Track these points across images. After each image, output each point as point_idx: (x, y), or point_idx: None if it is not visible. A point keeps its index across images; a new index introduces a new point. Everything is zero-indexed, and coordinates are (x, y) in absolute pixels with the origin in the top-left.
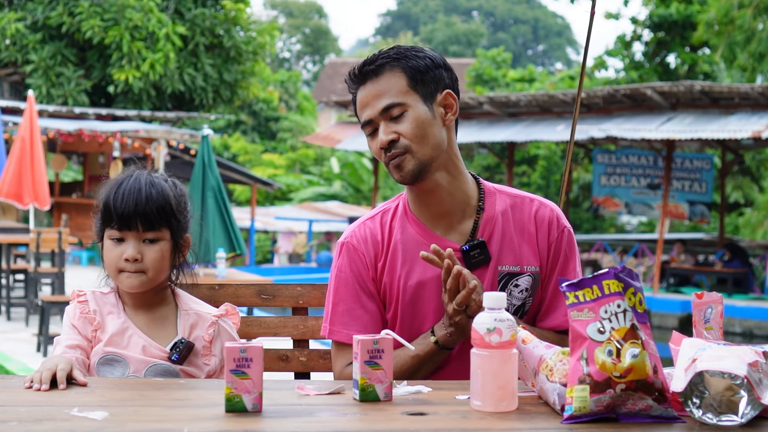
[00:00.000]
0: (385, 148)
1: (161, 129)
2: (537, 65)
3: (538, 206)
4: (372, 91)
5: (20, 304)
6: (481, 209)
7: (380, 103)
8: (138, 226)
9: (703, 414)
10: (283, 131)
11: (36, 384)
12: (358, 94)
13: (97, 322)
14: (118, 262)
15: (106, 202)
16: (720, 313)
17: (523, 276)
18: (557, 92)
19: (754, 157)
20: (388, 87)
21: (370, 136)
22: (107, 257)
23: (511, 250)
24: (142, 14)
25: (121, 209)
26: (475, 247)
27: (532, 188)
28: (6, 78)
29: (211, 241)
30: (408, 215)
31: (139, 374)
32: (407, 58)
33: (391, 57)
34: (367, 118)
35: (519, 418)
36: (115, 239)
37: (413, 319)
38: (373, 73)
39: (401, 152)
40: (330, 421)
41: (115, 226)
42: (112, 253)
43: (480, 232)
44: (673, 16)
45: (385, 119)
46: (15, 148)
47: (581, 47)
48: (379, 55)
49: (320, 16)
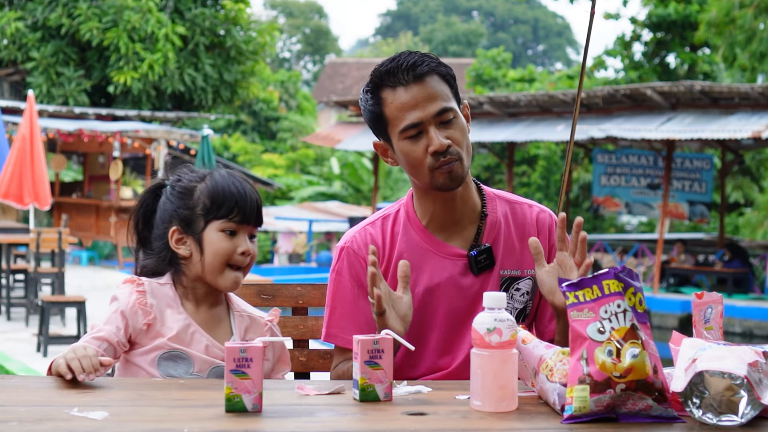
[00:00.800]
0: (441, 152)
1: (161, 129)
2: (537, 65)
3: (538, 212)
4: (422, 93)
5: (20, 304)
6: (485, 215)
7: (434, 107)
8: (254, 220)
9: (703, 414)
10: (283, 131)
11: (81, 375)
12: (397, 97)
13: (153, 316)
14: (233, 255)
15: (223, 191)
16: (720, 313)
17: (523, 279)
18: (557, 92)
19: (754, 157)
20: (437, 89)
21: (411, 138)
22: (217, 249)
23: (512, 254)
24: (140, 15)
25: (244, 201)
26: (482, 252)
27: (532, 188)
28: (6, 78)
29: None
30: (411, 221)
31: (203, 374)
32: (440, 64)
33: (429, 62)
34: (416, 120)
35: (519, 418)
36: (227, 232)
37: (419, 327)
38: (421, 76)
39: (455, 158)
40: (330, 421)
41: (236, 218)
42: (223, 244)
43: (485, 237)
44: (672, 15)
45: (436, 123)
46: (15, 148)
47: (581, 47)
48: (414, 58)
49: (320, 16)
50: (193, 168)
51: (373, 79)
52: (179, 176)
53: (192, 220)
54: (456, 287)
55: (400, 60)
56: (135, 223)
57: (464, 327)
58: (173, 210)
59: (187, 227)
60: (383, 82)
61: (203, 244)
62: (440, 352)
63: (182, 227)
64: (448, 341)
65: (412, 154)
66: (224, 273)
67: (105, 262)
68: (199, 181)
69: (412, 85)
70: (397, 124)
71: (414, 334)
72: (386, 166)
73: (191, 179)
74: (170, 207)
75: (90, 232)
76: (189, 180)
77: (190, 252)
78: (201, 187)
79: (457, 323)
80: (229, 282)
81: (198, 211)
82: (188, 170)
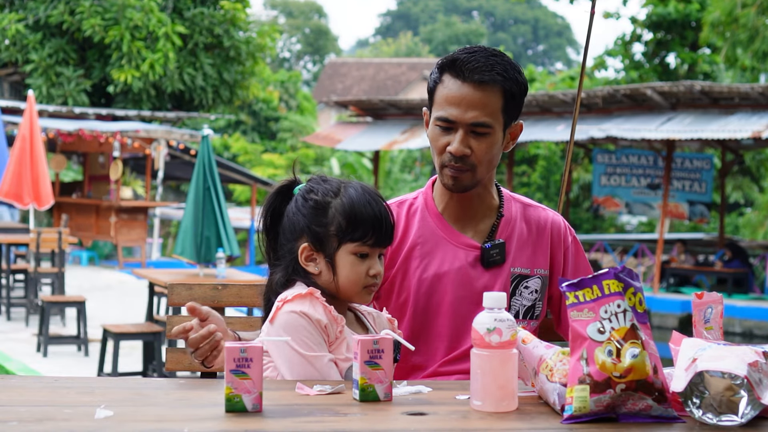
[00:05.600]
0: (457, 156)
1: (161, 129)
2: (537, 65)
3: (553, 215)
4: (471, 97)
5: (20, 304)
6: (501, 213)
7: (472, 115)
8: (387, 243)
9: (703, 414)
10: (283, 131)
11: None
12: (451, 86)
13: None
14: (366, 279)
15: (360, 213)
16: (720, 313)
17: (533, 278)
18: (557, 92)
19: (754, 157)
20: (486, 102)
21: (441, 129)
22: (351, 273)
23: (524, 253)
24: (142, 14)
25: (380, 224)
26: (495, 246)
27: (532, 188)
28: (6, 78)
29: (212, 241)
30: (429, 208)
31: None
32: (511, 79)
33: (500, 73)
34: (451, 117)
35: (519, 418)
36: (359, 255)
37: (425, 313)
38: (482, 82)
39: (467, 168)
40: (330, 421)
41: (370, 241)
42: (357, 268)
43: (499, 232)
44: (672, 15)
45: (468, 130)
46: (15, 148)
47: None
48: (490, 62)
49: (320, 16)
50: (325, 177)
51: (448, 58)
52: (312, 187)
53: (325, 239)
54: (466, 277)
55: (476, 55)
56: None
57: (470, 318)
58: (305, 225)
59: (320, 245)
60: (450, 67)
61: (336, 267)
62: (450, 339)
63: (314, 245)
64: (458, 328)
65: (435, 142)
66: (359, 292)
67: (105, 262)
68: (334, 196)
69: (469, 85)
70: (437, 108)
71: (421, 320)
72: (386, 165)
73: (325, 192)
74: (302, 221)
75: (90, 232)
76: (323, 193)
77: (320, 270)
78: (336, 204)
79: (464, 313)
80: (363, 300)
81: (332, 230)
82: (321, 179)
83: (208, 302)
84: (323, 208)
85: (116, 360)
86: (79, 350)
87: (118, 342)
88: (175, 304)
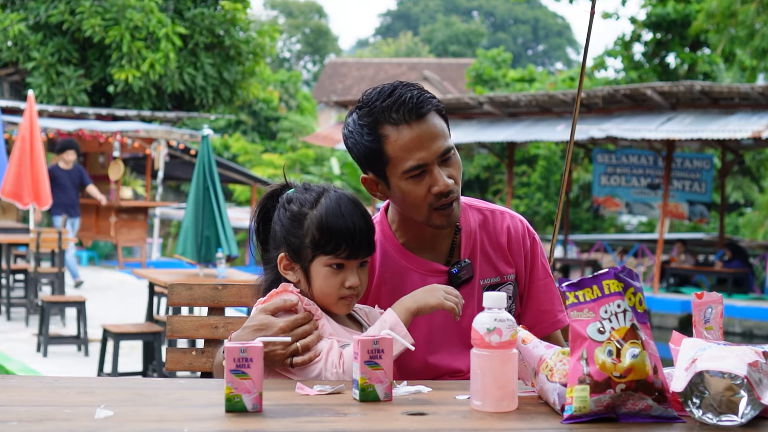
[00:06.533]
0: (445, 193)
1: (161, 129)
2: (537, 65)
3: (510, 219)
4: (425, 132)
5: (20, 304)
6: (459, 228)
7: (438, 147)
8: (363, 253)
9: (703, 414)
10: (283, 131)
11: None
12: (402, 135)
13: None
14: (340, 290)
15: (331, 226)
16: (720, 313)
17: (504, 285)
18: (557, 92)
19: (754, 157)
20: (438, 129)
21: (415, 178)
22: (324, 284)
23: (489, 263)
24: (143, 14)
25: (352, 236)
26: (462, 269)
27: (532, 188)
28: (6, 78)
29: (212, 241)
30: (388, 239)
31: None
32: (434, 99)
33: (428, 98)
34: (422, 162)
35: (519, 418)
36: (334, 266)
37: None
38: (423, 115)
39: (455, 197)
40: (330, 421)
41: (343, 254)
42: (331, 280)
43: (462, 250)
44: (671, 15)
45: (439, 163)
46: (15, 148)
47: (581, 47)
48: (412, 94)
49: (320, 16)
50: (308, 186)
51: (372, 114)
52: (291, 197)
53: (300, 251)
54: None
55: (401, 96)
56: (255, 229)
57: (446, 341)
58: (283, 236)
59: (296, 256)
60: (384, 118)
61: (311, 278)
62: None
63: (290, 255)
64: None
65: (413, 194)
66: (337, 303)
67: (105, 262)
68: (311, 207)
69: (416, 124)
70: (400, 164)
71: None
72: None
73: (303, 203)
74: (281, 231)
75: (90, 232)
76: (301, 204)
77: (298, 279)
78: (312, 215)
79: (438, 343)
80: (340, 310)
81: (306, 242)
82: (303, 188)
83: (208, 302)
84: (299, 219)
85: (116, 360)
86: (79, 350)
87: (118, 342)
88: (175, 304)
